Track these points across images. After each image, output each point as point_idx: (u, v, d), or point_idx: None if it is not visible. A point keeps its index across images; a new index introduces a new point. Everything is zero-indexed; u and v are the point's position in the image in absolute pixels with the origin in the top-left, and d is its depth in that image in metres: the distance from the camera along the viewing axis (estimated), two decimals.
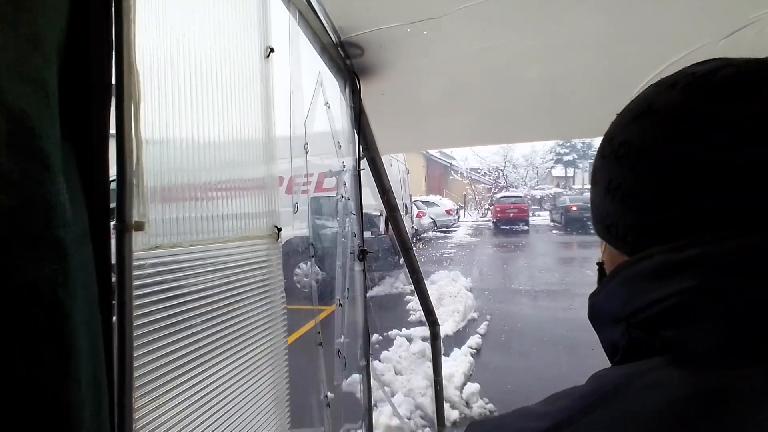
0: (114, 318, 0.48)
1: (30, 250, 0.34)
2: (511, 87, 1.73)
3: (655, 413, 0.27)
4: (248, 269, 0.79)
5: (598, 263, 0.47)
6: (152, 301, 0.54)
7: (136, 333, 0.51)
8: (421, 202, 16.35)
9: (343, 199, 1.57)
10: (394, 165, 7.57)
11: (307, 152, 1.10)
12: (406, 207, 9.05)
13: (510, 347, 4.49)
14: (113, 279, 0.49)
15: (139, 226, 0.51)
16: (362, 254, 1.75)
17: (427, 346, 4.00)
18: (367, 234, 1.80)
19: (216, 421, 0.67)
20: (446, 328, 5.10)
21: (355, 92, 1.67)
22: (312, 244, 1.11)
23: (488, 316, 5.56)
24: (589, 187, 0.49)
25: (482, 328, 5.22)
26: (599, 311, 0.39)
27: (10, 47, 0.33)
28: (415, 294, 2.59)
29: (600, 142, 0.44)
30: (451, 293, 6.16)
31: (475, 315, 5.71)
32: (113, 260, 0.49)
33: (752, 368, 0.27)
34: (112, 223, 0.49)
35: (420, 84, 1.72)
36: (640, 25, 1.40)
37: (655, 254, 0.33)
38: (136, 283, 0.51)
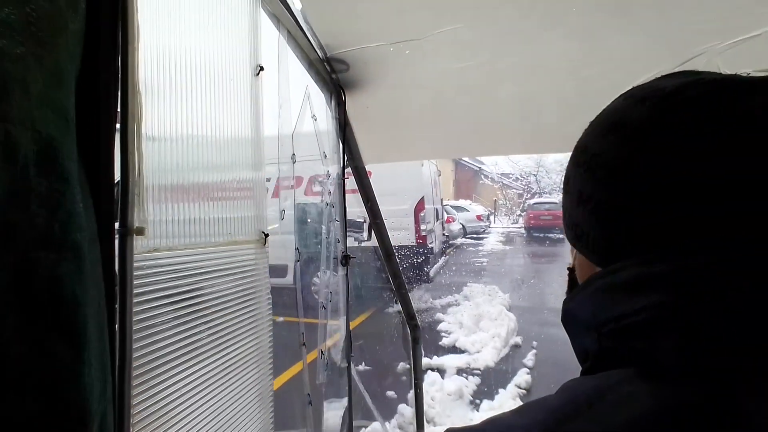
0: (117, 313, 0.54)
1: (54, 252, 0.41)
2: (488, 103, 1.83)
3: (627, 427, 0.27)
4: (236, 273, 0.85)
5: (569, 268, 0.49)
6: (150, 299, 0.60)
7: (135, 327, 0.57)
8: (451, 206, 15.44)
9: (328, 206, 1.63)
10: (425, 166, 7.03)
11: (294, 162, 1.17)
12: (437, 212, 8.36)
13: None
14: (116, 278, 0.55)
15: (140, 231, 0.57)
16: (345, 259, 1.82)
17: (465, 383, 3.79)
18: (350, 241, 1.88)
19: (204, 412, 0.73)
20: (486, 357, 4.58)
21: (341, 105, 1.75)
22: (297, 248, 1.18)
23: (534, 343, 4.96)
24: None
25: (529, 358, 4.59)
26: (572, 318, 0.40)
27: (39, 81, 0.40)
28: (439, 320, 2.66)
29: (574, 149, 0.44)
30: (491, 314, 5.55)
31: (518, 340, 5.10)
32: (116, 261, 0.55)
33: (717, 383, 0.28)
34: (116, 227, 0.55)
35: (403, 98, 1.81)
36: (605, 51, 1.52)
37: (626, 267, 0.34)
38: (136, 282, 0.57)
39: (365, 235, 2.19)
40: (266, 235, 0.97)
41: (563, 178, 0.46)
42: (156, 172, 0.62)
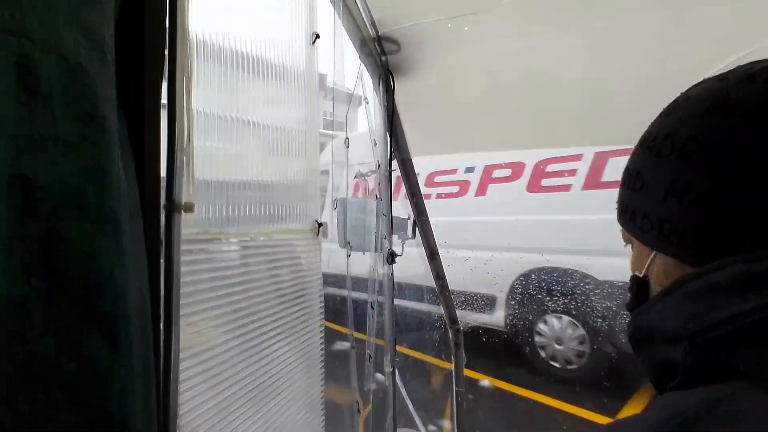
0: (161, 304, 0.45)
1: (87, 221, 0.31)
2: (551, 89, 1.67)
3: None
4: (289, 266, 0.75)
5: (636, 277, 0.42)
6: (198, 290, 0.51)
7: (182, 323, 0.48)
8: None
9: (377, 199, 1.53)
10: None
11: (347, 147, 1.07)
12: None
13: None
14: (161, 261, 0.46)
15: (189, 207, 0.48)
16: (391, 257, 1.71)
17: None
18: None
19: (254, 423, 0.63)
20: None
21: (389, 91, 1.64)
22: (348, 242, 1.07)
23: None
24: None
25: None
26: (648, 330, 0.35)
27: None
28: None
29: (642, 142, 0.40)
30: None
31: None
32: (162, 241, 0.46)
33: None
34: (162, 202, 0.46)
35: (456, 83, 1.68)
36: (693, 22, 1.33)
37: (729, 265, 0.30)
38: (184, 269, 0.48)
39: (409, 232, 2.06)
40: (320, 225, 0.87)
41: (624, 175, 0.42)
42: (207, 139, 0.52)
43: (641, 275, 0.41)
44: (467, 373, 2.60)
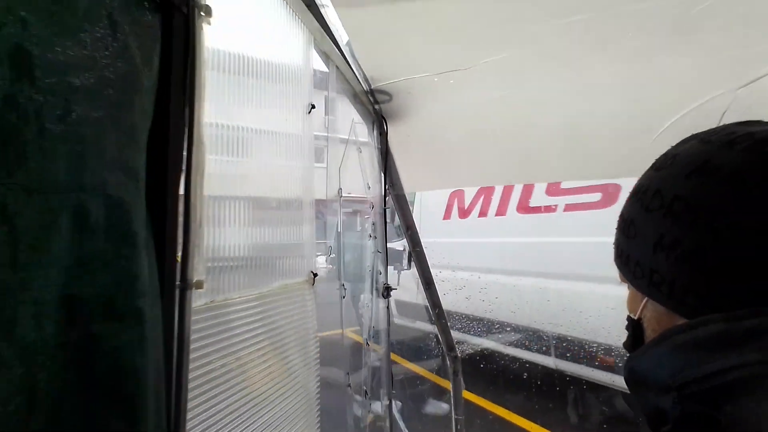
0: (173, 374, 0.52)
1: (117, 321, 0.39)
2: (533, 129, 1.77)
3: None
4: (287, 316, 0.82)
5: (631, 318, 0.44)
6: (205, 353, 0.58)
7: (191, 385, 0.54)
8: None
9: (371, 238, 1.60)
10: None
11: (341, 197, 1.15)
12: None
13: None
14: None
15: (199, 285, 0.55)
16: (387, 291, 1.77)
17: None
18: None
19: None
20: None
21: (383, 134, 1.74)
22: (343, 285, 1.14)
23: None
24: None
25: None
26: (642, 376, 0.37)
27: (113, 143, 0.39)
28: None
29: (635, 192, 0.42)
30: None
31: None
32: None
33: None
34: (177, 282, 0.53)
35: (445, 126, 1.78)
36: (659, 73, 1.44)
37: (712, 322, 0.32)
38: (193, 336, 0.55)
39: (405, 263, 2.13)
40: (315, 275, 0.94)
41: (619, 220, 0.44)
42: (215, 222, 0.60)
43: (635, 318, 0.43)
44: None
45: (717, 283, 0.33)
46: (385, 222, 1.78)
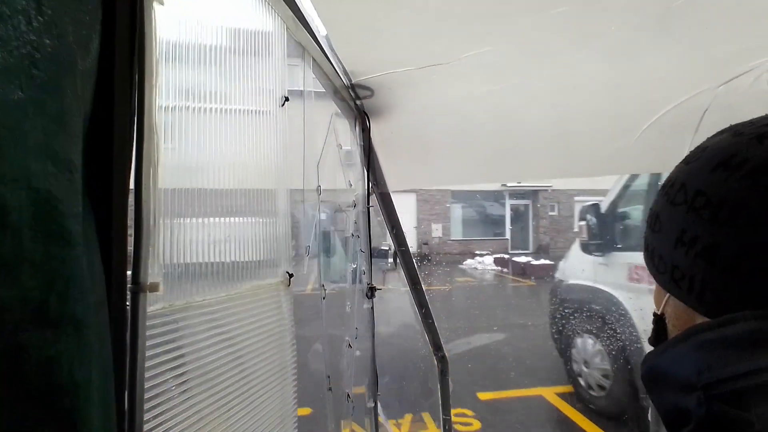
0: (126, 386, 0.47)
1: (49, 329, 0.34)
2: (518, 127, 1.75)
3: None
4: (260, 320, 0.78)
5: (655, 314, 0.44)
6: (162, 362, 0.53)
7: (146, 395, 0.50)
8: None
9: (353, 237, 1.57)
10: None
11: (319, 194, 1.11)
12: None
13: None
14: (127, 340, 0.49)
15: (153, 287, 0.51)
16: (371, 291, 1.74)
17: None
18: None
19: None
20: None
21: (365, 131, 1.71)
22: (322, 285, 1.10)
23: None
24: None
25: None
26: (662, 374, 0.36)
27: (38, 129, 0.34)
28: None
29: (663, 185, 0.42)
30: None
31: None
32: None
33: None
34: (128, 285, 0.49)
35: (429, 122, 1.76)
36: (641, 70, 1.43)
37: (742, 320, 0.31)
38: (149, 343, 0.51)
39: (390, 262, 2.10)
40: (291, 276, 0.90)
41: (648, 214, 0.43)
42: (173, 219, 0.56)
43: (659, 312, 0.43)
44: None
45: (734, 281, 0.33)
46: (369, 221, 1.74)
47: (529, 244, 17.98)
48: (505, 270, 13.67)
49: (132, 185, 0.50)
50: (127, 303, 0.49)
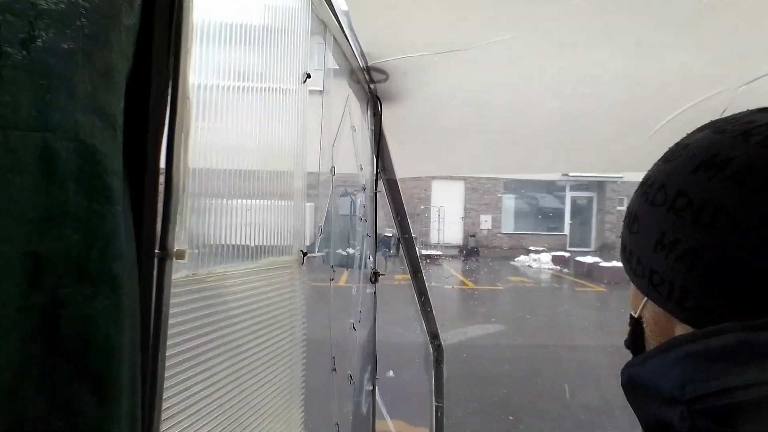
0: (150, 350, 0.47)
1: (88, 286, 0.34)
2: (531, 119, 1.74)
3: None
4: (273, 298, 0.78)
5: (631, 317, 0.42)
6: (184, 330, 0.53)
7: (168, 363, 0.50)
8: None
9: (361, 221, 1.56)
10: None
11: (333, 175, 1.11)
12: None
13: None
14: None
15: (180, 255, 0.51)
16: (375, 276, 1.74)
17: None
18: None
19: None
20: None
21: (377, 115, 1.69)
22: (332, 267, 1.10)
23: None
24: None
25: None
26: (643, 386, 0.34)
27: (86, 82, 0.34)
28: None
29: (641, 184, 0.40)
30: None
31: None
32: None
33: None
34: (156, 251, 0.49)
35: (441, 110, 1.74)
36: (661, 67, 1.42)
37: (729, 331, 0.29)
38: (172, 311, 0.51)
39: (393, 250, 2.10)
40: (305, 254, 0.90)
41: (625, 214, 0.42)
42: (201, 188, 0.55)
43: (636, 316, 0.41)
44: None
45: (716, 288, 0.31)
46: (376, 206, 1.74)
47: (590, 242, 16.03)
48: (565, 270, 12.21)
49: (163, 155, 0.49)
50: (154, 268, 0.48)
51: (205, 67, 0.56)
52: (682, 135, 0.41)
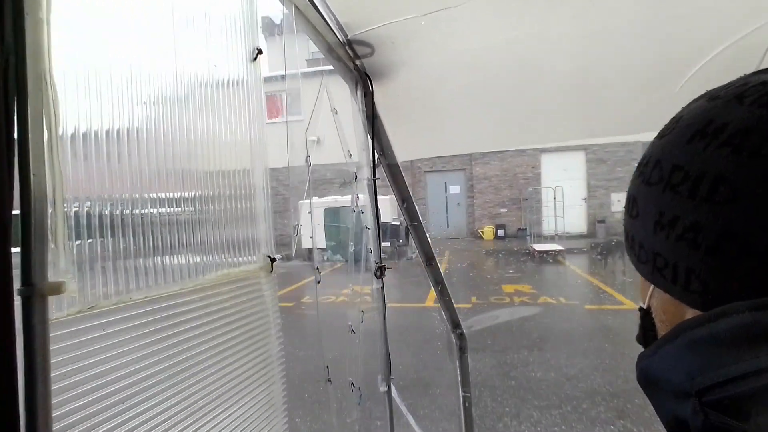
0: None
1: None
2: (540, 82, 1.55)
3: None
4: (234, 314, 0.67)
5: (641, 309, 0.40)
6: (78, 380, 0.42)
7: (55, 426, 0.39)
8: None
9: (356, 212, 1.43)
10: None
11: (309, 165, 0.98)
12: None
13: None
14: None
15: (55, 289, 0.39)
16: (380, 270, 1.62)
17: None
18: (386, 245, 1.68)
19: None
20: None
21: (368, 95, 1.54)
22: (317, 268, 0.98)
23: None
24: None
25: None
26: (654, 379, 0.33)
27: None
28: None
29: (638, 165, 0.38)
30: None
31: None
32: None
33: None
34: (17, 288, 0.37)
35: (439, 82, 1.57)
36: (687, 4, 1.20)
37: (735, 312, 0.27)
38: (54, 359, 0.39)
39: (403, 239, 1.97)
40: (273, 260, 0.78)
41: (626, 199, 0.40)
42: (84, 200, 0.43)
43: (644, 307, 0.39)
44: None
45: (721, 266, 0.29)
46: (375, 194, 1.60)
47: None
48: None
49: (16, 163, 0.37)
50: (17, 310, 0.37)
51: (76, 35, 0.44)
52: (719, 82, 0.35)
